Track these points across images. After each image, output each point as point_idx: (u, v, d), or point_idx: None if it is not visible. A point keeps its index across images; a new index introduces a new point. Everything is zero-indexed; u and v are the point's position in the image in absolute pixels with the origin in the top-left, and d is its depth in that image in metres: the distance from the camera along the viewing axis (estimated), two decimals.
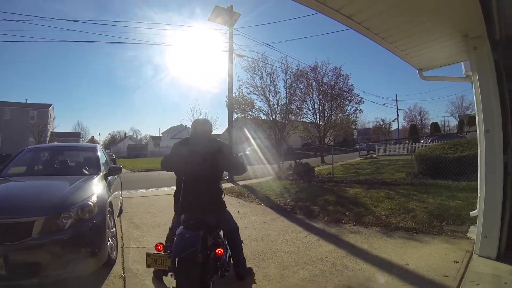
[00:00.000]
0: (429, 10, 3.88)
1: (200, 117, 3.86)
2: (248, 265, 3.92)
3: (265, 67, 19.50)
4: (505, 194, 4.22)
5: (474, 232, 5.25)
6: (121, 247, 5.30)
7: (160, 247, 3.00)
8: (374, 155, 30.79)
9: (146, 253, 2.97)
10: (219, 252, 3.04)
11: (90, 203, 4.03)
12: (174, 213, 3.98)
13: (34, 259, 3.36)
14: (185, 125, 62.95)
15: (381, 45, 4.81)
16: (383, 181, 10.99)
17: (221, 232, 3.62)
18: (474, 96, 4.90)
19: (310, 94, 25.29)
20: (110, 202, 4.97)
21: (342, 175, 14.09)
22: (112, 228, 4.82)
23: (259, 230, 6.21)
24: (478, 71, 4.44)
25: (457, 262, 4.26)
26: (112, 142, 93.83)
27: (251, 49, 18.31)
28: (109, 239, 4.41)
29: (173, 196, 4.09)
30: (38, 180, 5.18)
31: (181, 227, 2.94)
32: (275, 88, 19.41)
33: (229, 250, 3.56)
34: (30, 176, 5.64)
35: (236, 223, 3.63)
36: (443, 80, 7.23)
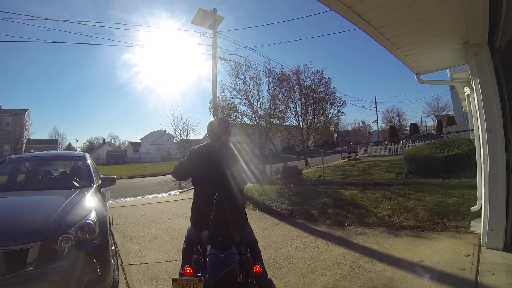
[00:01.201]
0: (437, 22, 4.09)
1: (213, 118, 3.17)
2: None
3: (248, 71, 19.57)
4: (508, 189, 4.42)
5: (476, 226, 5.50)
6: (121, 265, 4.98)
7: (190, 271, 2.60)
8: (357, 157, 31.07)
9: (173, 278, 2.50)
10: (257, 269, 2.69)
11: (90, 221, 3.55)
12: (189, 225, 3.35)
13: None
14: (165, 130, 62.81)
15: (388, 50, 4.92)
16: (375, 182, 11.07)
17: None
18: (473, 99, 5.15)
19: (293, 97, 25.40)
20: (109, 217, 4.52)
21: (332, 177, 14.11)
22: (112, 246, 4.27)
23: (263, 237, 6.12)
24: (479, 76, 4.60)
25: (468, 255, 4.40)
26: (90, 149, 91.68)
27: (234, 53, 18.32)
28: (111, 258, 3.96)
29: (191, 210, 3.45)
30: (25, 197, 4.57)
31: (209, 246, 2.61)
32: (258, 92, 19.47)
33: None
34: (15, 191, 4.97)
35: (254, 235, 3.25)
36: (438, 83, 7.45)
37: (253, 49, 20.68)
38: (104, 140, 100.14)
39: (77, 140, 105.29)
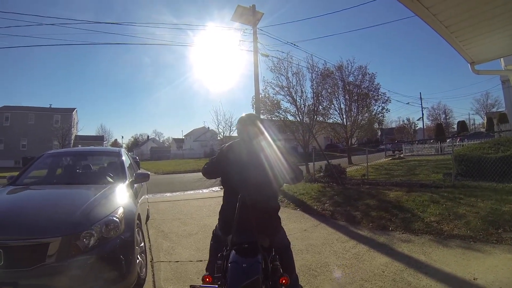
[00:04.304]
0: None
1: (244, 114, 2.85)
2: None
3: (291, 67, 19.26)
4: None
5: None
6: (150, 262, 4.93)
7: (209, 279, 2.46)
8: (401, 155, 30.02)
9: (191, 285, 2.32)
10: (284, 281, 2.41)
11: (116, 218, 3.54)
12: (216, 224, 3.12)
13: None
14: (208, 127, 63.96)
15: (441, 35, 4.52)
16: (421, 183, 10.43)
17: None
18: None
19: (336, 94, 24.84)
20: (138, 214, 4.50)
21: (375, 177, 13.61)
22: (141, 243, 4.35)
23: (301, 239, 5.90)
24: None
25: None
26: (135, 145, 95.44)
27: (275, 49, 17.97)
28: (138, 256, 3.94)
29: (219, 211, 3.09)
30: (56, 191, 4.64)
31: (233, 252, 2.41)
32: (301, 89, 19.14)
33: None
34: (48, 184, 5.11)
35: (288, 239, 2.99)
36: (495, 74, 6.82)
37: (294, 45, 20.46)
38: (148, 136, 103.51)
39: (122, 137, 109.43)
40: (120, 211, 3.74)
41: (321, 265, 4.63)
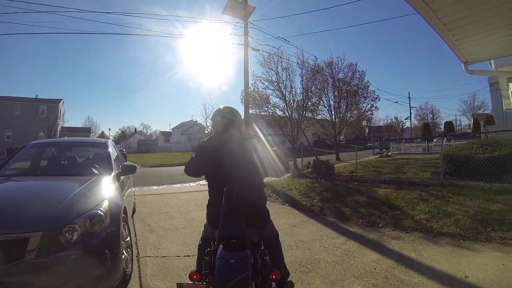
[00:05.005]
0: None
1: (221, 107, 2.69)
2: (288, 279, 3.27)
3: (281, 62, 19.25)
4: None
5: None
6: (137, 257, 4.80)
7: (197, 277, 2.34)
8: (389, 153, 30.23)
9: (178, 283, 2.23)
10: (274, 276, 2.35)
11: (100, 212, 3.38)
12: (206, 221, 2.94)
13: (30, 286, 2.76)
14: (196, 121, 64.41)
15: (438, 32, 4.53)
16: (410, 181, 10.48)
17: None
18: None
19: (326, 90, 24.87)
20: (125, 207, 4.34)
21: (364, 174, 13.67)
22: (127, 238, 4.19)
23: (290, 235, 5.83)
24: None
25: None
26: (122, 137, 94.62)
27: (266, 43, 18.02)
28: (124, 251, 3.79)
29: (206, 206, 2.94)
30: (38, 183, 4.46)
31: (220, 247, 2.31)
32: (291, 84, 19.15)
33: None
34: (31, 176, 4.95)
35: (276, 230, 2.93)
36: (488, 74, 6.87)
37: (285, 40, 20.29)
38: (135, 129, 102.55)
39: (109, 129, 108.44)
40: (105, 204, 3.59)
41: (312, 262, 4.55)
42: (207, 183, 2.85)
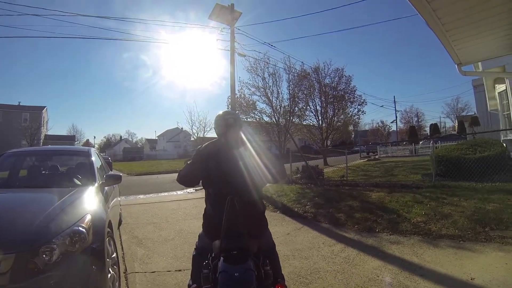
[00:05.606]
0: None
1: (221, 112, 2.53)
2: None
3: (267, 68, 19.22)
4: None
5: None
6: (124, 273, 4.45)
7: None
8: (377, 157, 30.35)
9: None
10: None
11: (82, 229, 3.00)
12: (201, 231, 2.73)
13: None
14: (181, 128, 64.79)
15: (434, 32, 4.45)
16: (402, 184, 10.38)
17: None
18: None
19: (312, 96, 24.86)
20: (109, 221, 3.97)
21: (354, 178, 13.55)
22: (113, 254, 3.80)
23: (285, 244, 5.61)
24: None
25: None
26: (107, 145, 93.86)
27: (253, 49, 17.83)
28: (110, 269, 3.44)
29: (203, 215, 2.74)
30: (14, 195, 4.07)
31: (221, 260, 2.15)
32: (277, 89, 19.11)
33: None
34: (8, 188, 4.48)
35: (273, 240, 2.75)
36: (481, 75, 6.86)
37: (272, 45, 20.35)
38: (121, 137, 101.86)
39: (94, 137, 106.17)
40: (88, 219, 3.22)
41: (311, 272, 4.34)
42: (203, 190, 2.65)
